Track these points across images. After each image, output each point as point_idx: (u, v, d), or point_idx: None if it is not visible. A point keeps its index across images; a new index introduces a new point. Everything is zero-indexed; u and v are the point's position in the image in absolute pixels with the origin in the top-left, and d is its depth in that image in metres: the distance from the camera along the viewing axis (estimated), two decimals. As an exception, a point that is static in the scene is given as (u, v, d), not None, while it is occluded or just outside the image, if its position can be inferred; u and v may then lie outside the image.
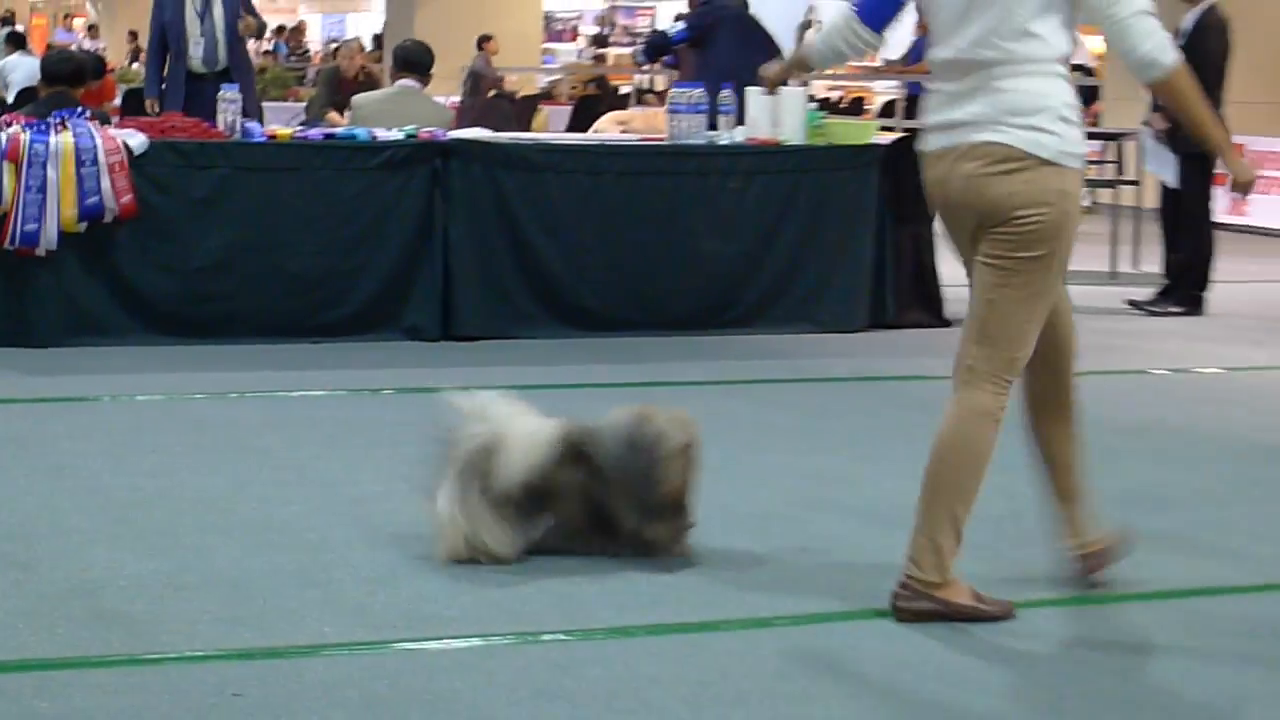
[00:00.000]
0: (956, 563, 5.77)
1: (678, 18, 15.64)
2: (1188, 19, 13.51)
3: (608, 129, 14.99)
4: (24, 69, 20.45)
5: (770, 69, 6.98)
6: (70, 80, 12.07)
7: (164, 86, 13.92)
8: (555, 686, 5.14)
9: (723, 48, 14.16)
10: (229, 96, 11.30)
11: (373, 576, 6.20)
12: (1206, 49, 13.37)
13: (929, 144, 6.17)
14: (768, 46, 14.55)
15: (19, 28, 31.66)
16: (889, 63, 30.30)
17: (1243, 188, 6.17)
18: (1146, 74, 5.86)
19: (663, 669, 5.30)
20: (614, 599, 6.01)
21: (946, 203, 6.16)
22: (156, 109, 13.57)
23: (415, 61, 13.08)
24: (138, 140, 10.66)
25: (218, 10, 13.79)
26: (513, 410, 6.44)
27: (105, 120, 11.28)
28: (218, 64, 13.81)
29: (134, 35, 43.06)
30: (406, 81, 12.82)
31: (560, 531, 6.51)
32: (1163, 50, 5.79)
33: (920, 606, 5.82)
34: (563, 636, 5.63)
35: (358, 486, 7.52)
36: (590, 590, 6.09)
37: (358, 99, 12.81)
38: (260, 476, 7.69)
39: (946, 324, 12.41)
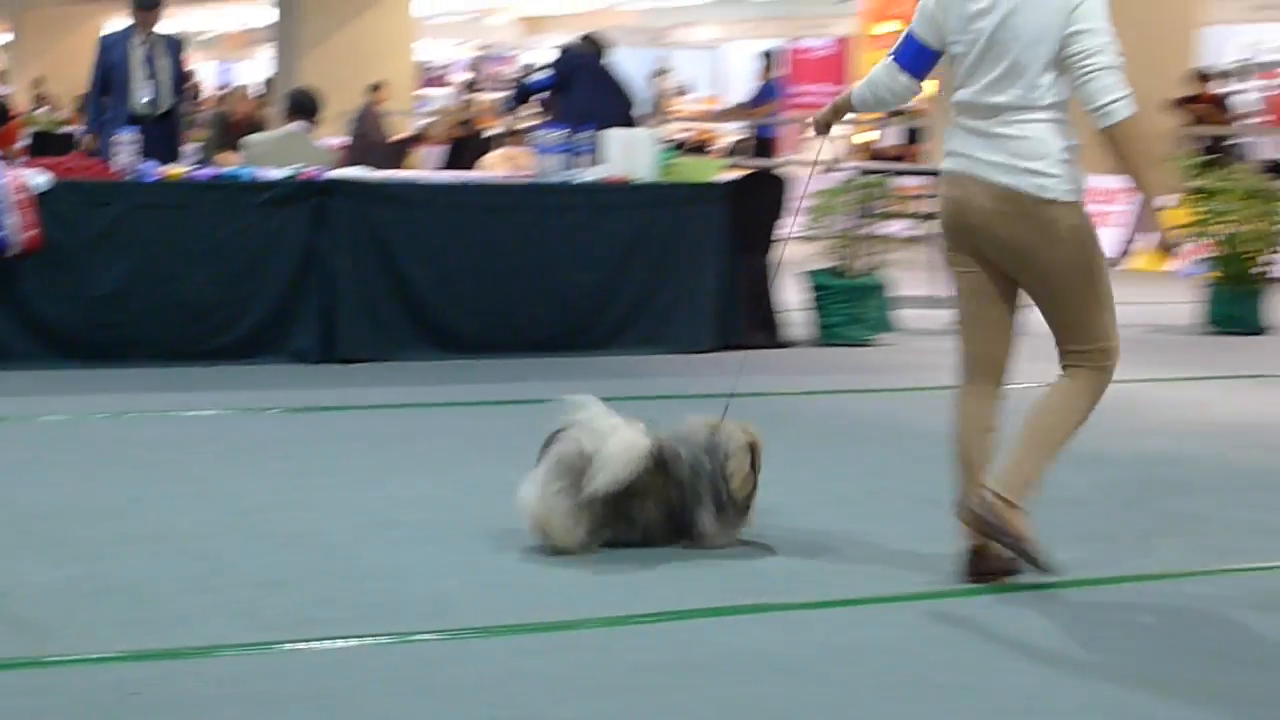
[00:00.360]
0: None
1: (541, 67, 15.66)
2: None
3: (497, 165, 15.00)
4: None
5: (821, 114, 7.06)
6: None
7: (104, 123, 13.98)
8: (427, 682, 5.11)
9: (581, 93, 14.19)
10: (126, 139, 11.23)
11: (262, 581, 6.15)
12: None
13: (949, 166, 6.43)
14: (622, 92, 14.60)
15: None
16: (735, 107, 30.48)
17: (1169, 246, 6.77)
18: (1099, 121, 6.19)
19: (527, 664, 5.27)
20: (482, 601, 5.99)
21: (963, 223, 6.40)
22: (96, 145, 13.57)
23: (305, 106, 13.12)
24: (42, 179, 10.59)
25: (162, 60, 13.86)
26: (614, 421, 6.70)
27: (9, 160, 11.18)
28: (160, 109, 13.86)
29: (38, 82, 42.69)
30: (296, 125, 12.84)
31: (636, 527, 6.70)
32: (1121, 105, 6.13)
33: (986, 518, 6.16)
34: (433, 636, 5.59)
35: (248, 498, 7.46)
36: (460, 593, 6.07)
37: (249, 139, 12.79)
38: (157, 490, 7.62)
39: (784, 345, 12.48)
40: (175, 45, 14.48)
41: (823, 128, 7.13)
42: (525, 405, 9.95)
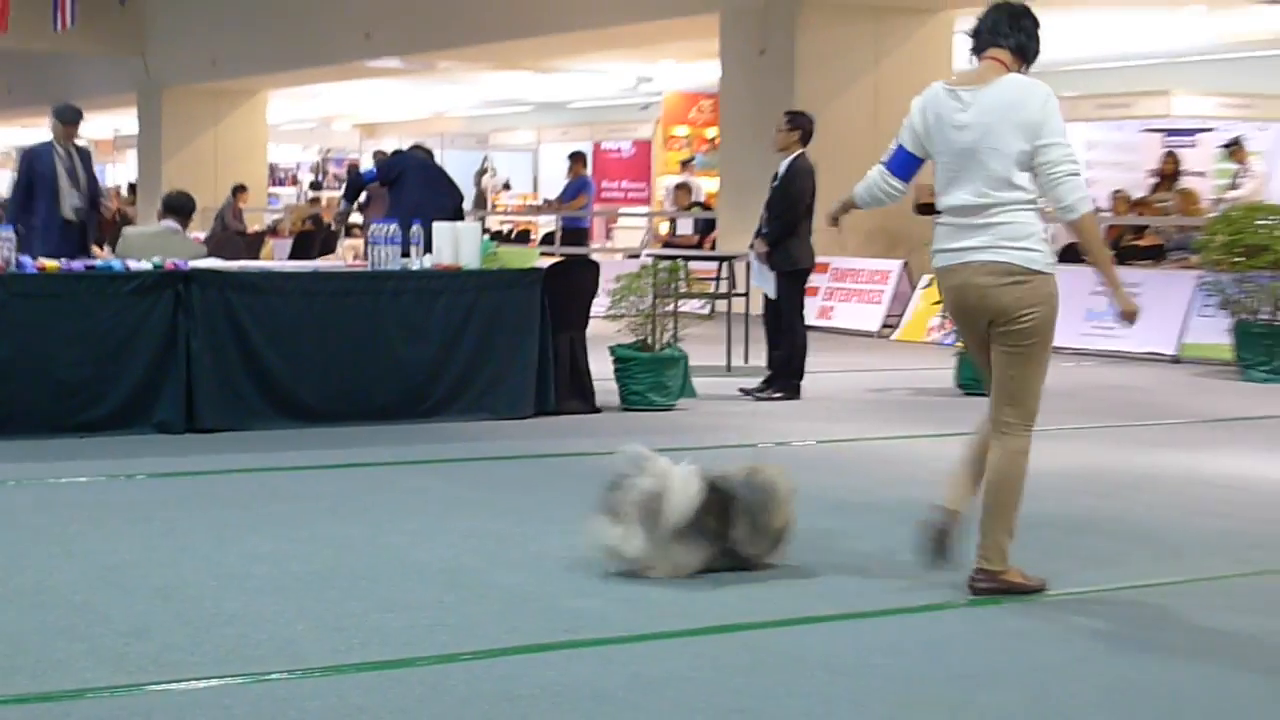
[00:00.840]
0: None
1: (374, 163, 15.64)
2: (783, 164, 13.74)
3: (346, 255, 15.02)
4: None
5: (832, 209, 7.89)
6: None
7: (32, 224, 14.13)
8: (279, 717, 5.05)
9: (411, 188, 14.16)
10: (4, 236, 11.11)
11: (129, 630, 6.05)
12: (797, 187, 13.64)
13: (943, 262, 6.93)
14: (449, 188, 14.58)
15: None
16: (548, 201, 30.51)
17: (1128, 316, 6.96)
18: (1066, 216, 6.73)
19: (366, 699, 5.22)
20: (327, 642, 5.93)
21: (963, 306, 6.92)
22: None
23: (178, 207, 13.24)
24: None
25: (82, 175, 14.00)
26: (667, 464, 7.03)
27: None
28: (82, 214, 14.23)
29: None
30: (169, 222, 12.99)
31: (695, 552, 7.01)
32: (1082, 202, 6.67)
33: (989, 586, 6.77)
34: (283, 675, 5.53)
35: (116, 555, 7.34)
36: (307, 636, 6.01)
37: (127, 232, 12.83)
38: (34, 550, 7.47)
39: (597, 410, 12.51)
40: (88, 155, 14.53)
41: (833, 220, 7.96)
42: (366, 468, 9.96)
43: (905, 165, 7.15)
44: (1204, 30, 24.64)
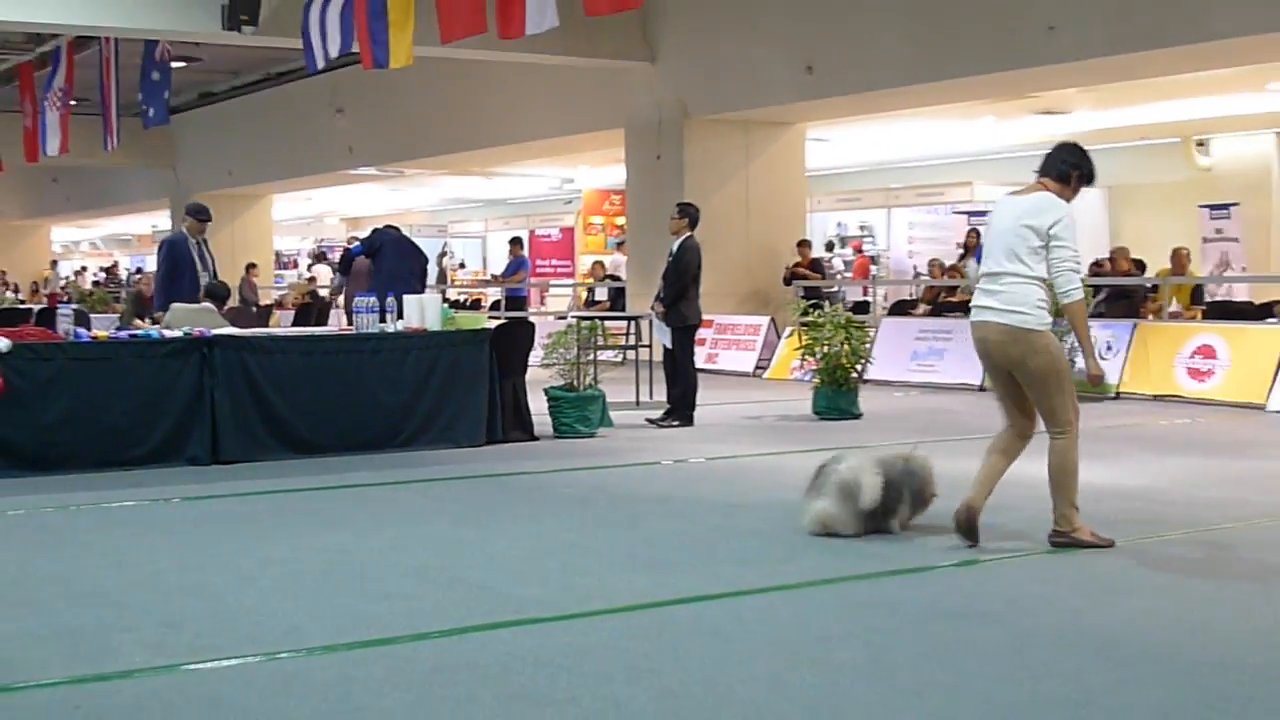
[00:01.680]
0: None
1: (353, 239, 15.61)
2: (675, 244, 13.78)
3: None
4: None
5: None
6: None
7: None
8: (286, 686, 5.00)
9: (388, 256, 14.15)
10: (63, 313, 11.04)
11: (167, 622, 5.98)
12: (686, 261, 13.69)
13: (975, 318, 7.48)
14: (416, 253, 14.60)
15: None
16: (494, 276, 30.42)
17: (1094, 379, 7.57)
18: (1063, 300, 7.25)
19: (356, 671, 5.17)
20: (325, 628, 5.87)
21: (984, 350, 7.50)
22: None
23: (216, 294, 13.21)
24: (3, 343, 10.31)
25: (210, 261, 14.14)
26: (860, 457, 7.95)
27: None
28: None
29: (2, 273, 41.56)
30: (207, 304, 12.89)
31: (875, 520, 7.80)
32: (1076, 291, 7.20)
33: (1064, 541, 7.40)
34: (290, 654, 5.47)
35: (156, 564, 7.23)
36: (310, 623, 5.95)
37: (175, 307, 12.66)
38: (90, 561, 7.37)
39: (536, 439, 12.48)
40: (208, 244, 14.43)
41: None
42: (354, 488, 9.87)
43: (978, 251, 7.94)
44: (996, 135, 24.93)
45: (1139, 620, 5.97)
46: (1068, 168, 7.48)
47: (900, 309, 21.70)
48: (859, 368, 14.56)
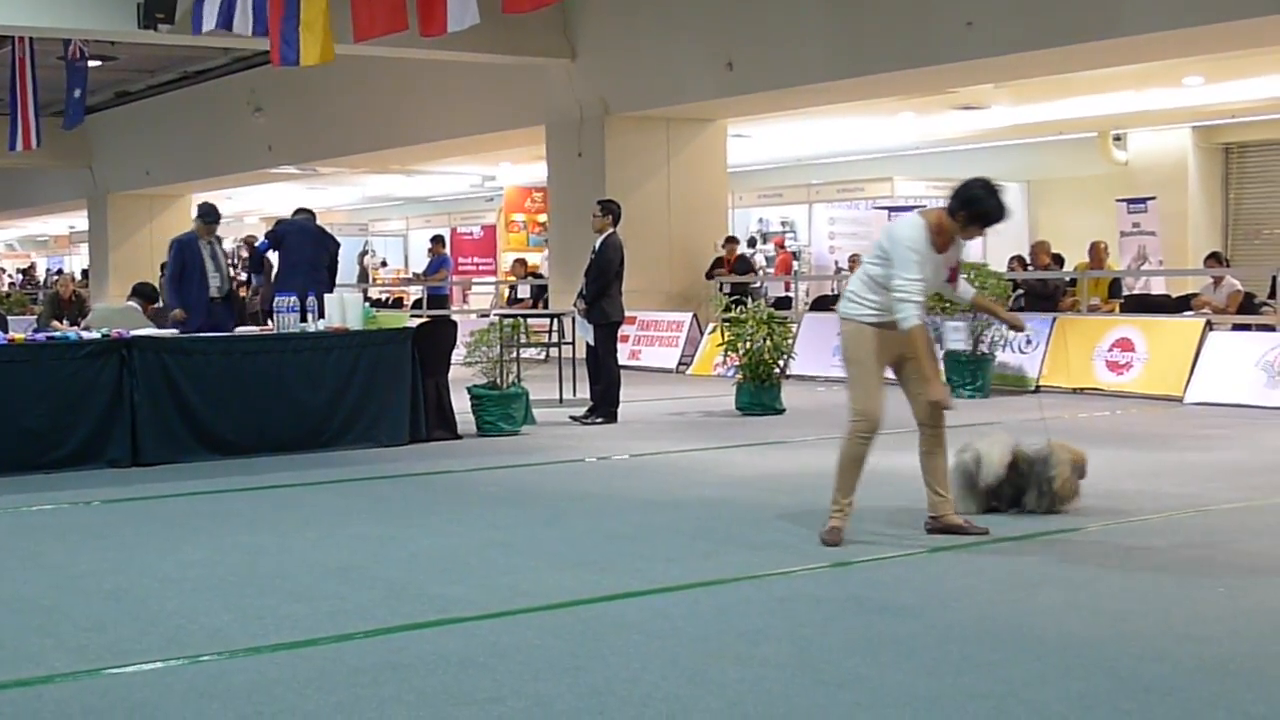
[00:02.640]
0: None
1: (251, 238, 15.34)
2: (598, 241, 13.79)
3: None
4: None
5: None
6: None
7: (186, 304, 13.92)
8: (210, 689, 4.97)
9: (293, 246, 14.03)
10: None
11: (88, 626, 5.93)
12: (607, 258, 13.70)
13: (876, 320, 7.55)
14: (324, 239, 14.51)
15: None
16: (416, 275, 30.29)
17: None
18: (902, 326, 7.39)
19: (281, 673, 5.14)
20: (249, 630, 5.84)
21: (884, 342, 7.55)
22: (182, 317, 13.60)
23: (143, 292, 13.13)
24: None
25: (223, 262, 14.12)
26: (987, 444, 8.34)
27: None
28: (224, 293, 14.07)
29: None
30: (132, 302, 12.84)
31: (998, 499, 8.30)
32: (905, 320, 7.34)
33: (937, 526, 7.75)
34: (213, 657, 5.44)
35: (77, 567, 7.18)
36: (233, 625, 5.92)
37: (96, 309, 12.67)
38: (9, 564, 7.29)
39: (459, 437, 12.45)
40: (221, 243, 14.32)
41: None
42: (275, 489, 9.82)
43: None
44: (916, 131, 25.10)
45: (1059, 612, 6.04)
46: (955, 205, 7.44)
47: (822, 304, 21.81)
48: (781, 363, 14.62)
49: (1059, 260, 20.27)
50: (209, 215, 14.24)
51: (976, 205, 7.40)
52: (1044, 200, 26.82)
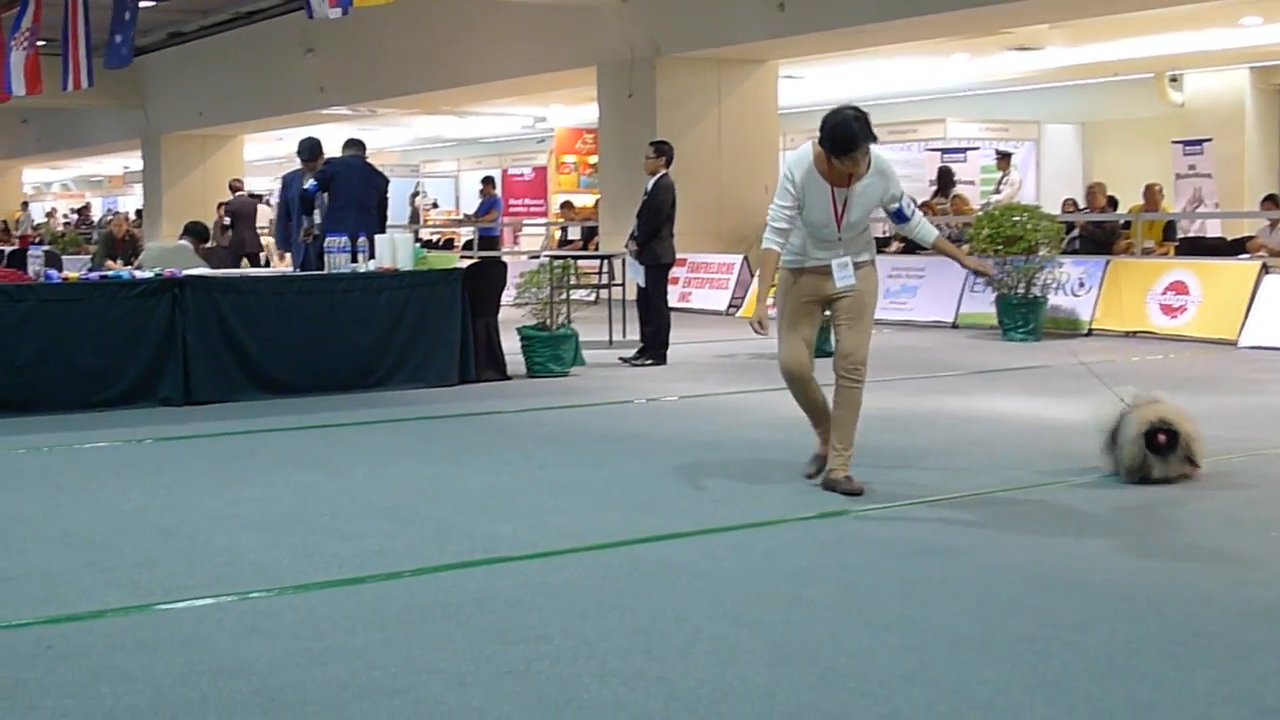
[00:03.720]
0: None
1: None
2: (650, 182, 13.76)
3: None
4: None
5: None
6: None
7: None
8: (259, 625, 5.01)
9: (343, 186, 13.76)
10: (33, 254, 10.98)
11: (140, 563, 5.98)
12: (660, 200, 13.66)
13: (793, 264, 7.40)
14: (374, 176, 14.20)
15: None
16: (467, 216, 30.29)
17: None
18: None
19: (330, 610, 5.18)
20: (298, 567, 5.88)
21: (803, 287, 7.38)
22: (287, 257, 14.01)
23: (195, 231, 13.12)
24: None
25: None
26: (1128, 408, 7.63)
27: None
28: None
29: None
30: (183, 241, 12.84)
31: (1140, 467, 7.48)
32: (763, 241, 7.26)
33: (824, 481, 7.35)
34: (263, 594, 5.48)
35: (129, 504, 7.24)
36: (283, 563, 5.96)
37: (148, 248, 12.65)
38: (63, 502, 7.37)
39: (508, 378, 12.47)
40: None
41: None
42: (325, 429, 9.87)
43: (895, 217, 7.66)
44: (969, 72, 24.87)
45: (1107, 556, 6.01)
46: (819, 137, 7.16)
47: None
48: (832, 306, 14.54)
49: (1113, 203, 20.07)
50: (304, 152, 14.39)
51: (823, 133, 7.06)
52: (1099, 142, 26.56)
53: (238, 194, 24.56)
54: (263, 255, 23.33)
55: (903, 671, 4.46)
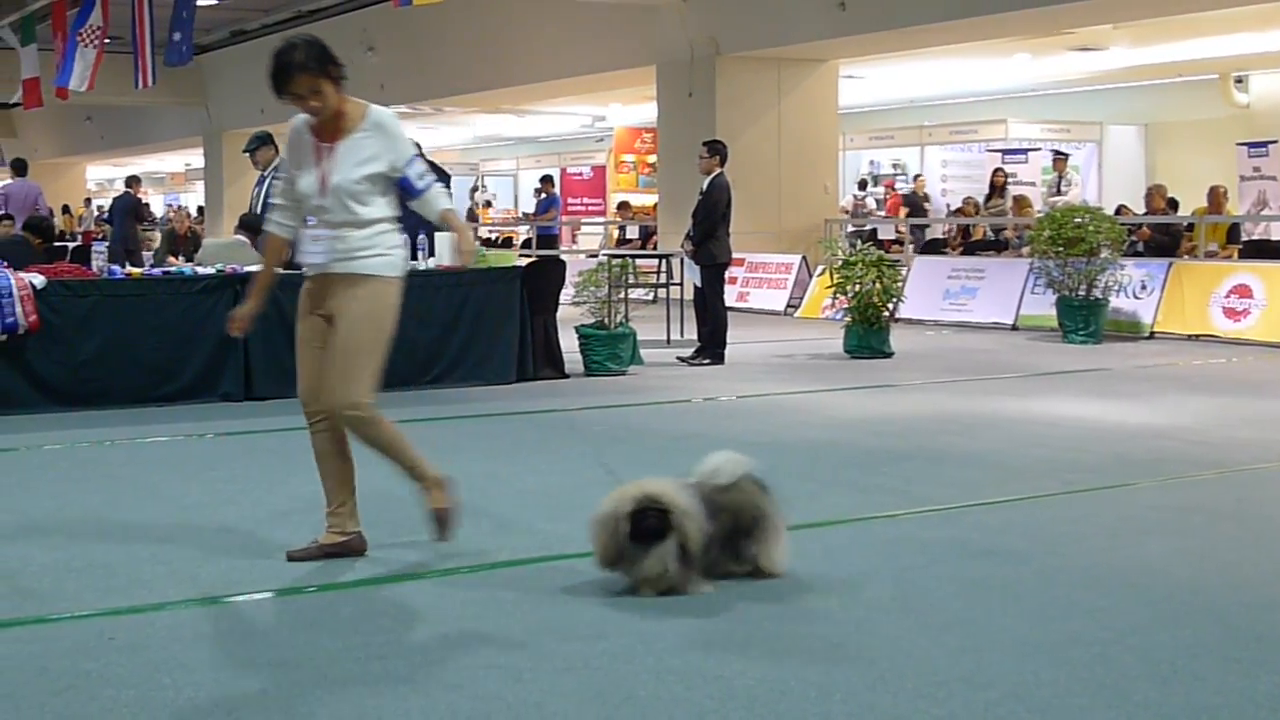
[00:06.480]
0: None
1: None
2: (705, 182, 13.76)
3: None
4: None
5: None
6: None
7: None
8: (318, 619, 5.04)
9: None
10: (98, 249, 11.10)
11: (200, 556, 6.03)
12: (715, 199, 13.67)
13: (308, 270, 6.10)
14: (435, 171, 14.34)
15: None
16: (526, 215, 30.36)
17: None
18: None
19: (376, 606, 5.20)
20: (354, 562, 5.90)
21: (308, 296, 6.16)
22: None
23: (249, 225, 13.18)
24: (39, 280, 10.42)
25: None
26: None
27: (20, 265, 10.96)
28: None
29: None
30: (239, 236, 12.91)
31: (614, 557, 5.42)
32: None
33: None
34: (318, 589, 5.51)
35: (190, 498, 7.31)
36: (337, 560, 5.99)
37: (207, 243, 12.71)
38: (124, 496, 7.44)
39: (566, 376, 12.50)
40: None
41: None
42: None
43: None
44: (1031, 72, 24.72)
45: (1168, 559, 5.96)
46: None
47: (933, 248, 21.61)
48: (890, 306, 14.52)
49: (1174, 204, 19.90)
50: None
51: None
52: (1163, 143, 26.34)
53: None
54: None
55: (961, 673, 4.44)
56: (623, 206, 28.40)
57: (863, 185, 28.29)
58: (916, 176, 26.97)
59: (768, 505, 5.61)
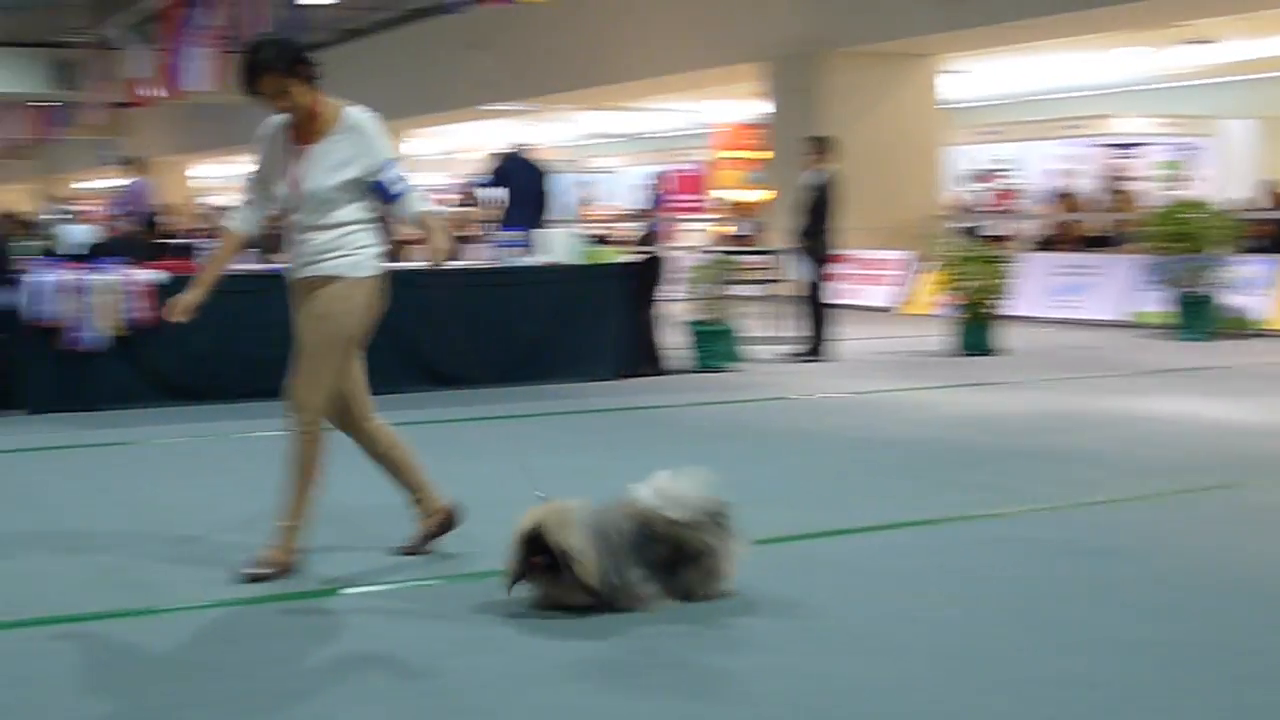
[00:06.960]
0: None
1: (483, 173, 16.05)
2: (811, 177, 13.72)
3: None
4: (76, 234, 19.53)
5: None
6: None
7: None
8: (432, 611, 5.07)
9: (519, 182, 14.37)
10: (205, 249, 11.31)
11: (309, 549, 6.07)
12: (820, 195, 13.62)
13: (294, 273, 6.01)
14: (539, 175, 14.87)
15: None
16: (629, 211, 30.38)
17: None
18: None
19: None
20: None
21: (294, 302, 6.11)
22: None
23: None
24: (160, 276, 10.64)
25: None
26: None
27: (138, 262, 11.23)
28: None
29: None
30: None
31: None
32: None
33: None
34: (429, 580, 5.54)
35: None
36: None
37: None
38: (233, 488, 7.56)
39: (665, 373, 12.50)
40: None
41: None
42: (487, 420, 9.94)
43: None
44: (1141, 66, 24.37)
45: (1284, 560, 5.85)
46: None
47: (1042, 244, 21.38)
48: (999, 303, 14.38)
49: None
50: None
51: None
52: (1278, 138, 25.85)
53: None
54: None
55: (1071, 674, 4.38)
56: (728, 202, 28.31)
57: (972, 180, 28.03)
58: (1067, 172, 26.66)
59: (716, 540, 5.21)
